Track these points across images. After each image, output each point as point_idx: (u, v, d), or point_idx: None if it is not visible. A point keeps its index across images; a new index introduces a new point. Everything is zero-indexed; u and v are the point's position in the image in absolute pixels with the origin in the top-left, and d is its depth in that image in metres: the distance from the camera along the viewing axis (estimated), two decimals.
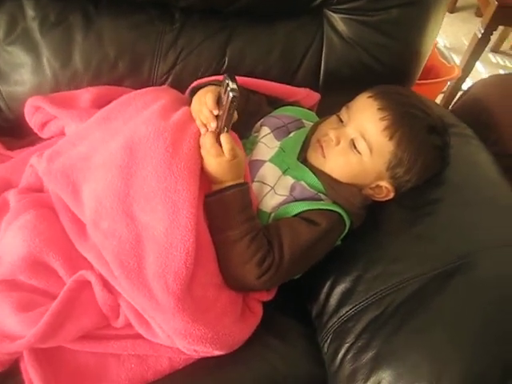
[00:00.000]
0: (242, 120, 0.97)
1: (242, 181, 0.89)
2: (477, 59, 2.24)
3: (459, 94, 2.27)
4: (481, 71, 2.73)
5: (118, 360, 0.87)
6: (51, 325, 0.80)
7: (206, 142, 0.87)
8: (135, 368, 0.87)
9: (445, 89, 2.26)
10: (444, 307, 0.82)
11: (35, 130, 1.07)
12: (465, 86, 2.32)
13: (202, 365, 0.89)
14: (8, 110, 1.15)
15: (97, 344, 0.86)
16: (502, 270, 0.86)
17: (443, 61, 2.00)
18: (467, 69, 2.25)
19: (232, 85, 0.80)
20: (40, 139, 1.09)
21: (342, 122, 0.97)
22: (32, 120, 1.06)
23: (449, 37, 2.90)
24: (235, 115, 0.86)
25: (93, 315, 0.85)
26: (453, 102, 2.24)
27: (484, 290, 0.83)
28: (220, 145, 0.87)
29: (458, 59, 2.43)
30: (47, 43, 1.09)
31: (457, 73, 1.95)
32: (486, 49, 2.31)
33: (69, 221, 0.90)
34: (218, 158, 0.86)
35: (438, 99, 2.30)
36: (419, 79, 1.33)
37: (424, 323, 0.82)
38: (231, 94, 0.80)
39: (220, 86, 0.87)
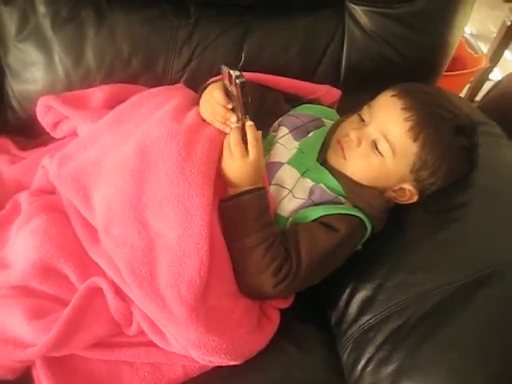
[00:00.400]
0: (259, 119, 0.93)
1: (259, 185, 0.86)
2: (505, 48, 2.16)
3: (486, 84, 2.20)
4: (510, 60, 2.63)
5: (131, 368, 0.85)
6: (63, 333, 0.79)
7: (231, 140, 0.83)
8: (148, 376, 0.85)
9: (471, 79, 2.18)
10: (470, 322, 0.78)
11: (47, 130, 1.05)
12: (492, 76, 2.24)
13: (217, 373, 0.87)
14: (21, 109, 1.13)
15: (109, 352, 0.85)
16: None
17: (470, 51, 1.92)
18: (495, 58, 2.16)
19: (234, 72, 0.77)
20: (53, 139, 1.07)
21: (363, 121, 0.93)
22: (44, 120, 1.04)
23: (475, 24, 2.80)
24: (250, 103, 0.82)
25: (105, 323, 0.83)
26: (480, 94, 2.18)
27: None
28: (245, 143, 0.83)
29: (485, 47, 2.34)
30: (59, 40, 1.07)
31: (484, 63, 1.87)
32: None
33: (80, 226, 0.88)
34: (241, 160, 0.82)
35: (464, 90, 2.22)
36: (445, 70, 1.28)
37: (448, 339, 0.77)
38: (238, 81, 0.77)
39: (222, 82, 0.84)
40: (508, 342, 0.75)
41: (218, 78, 1.00)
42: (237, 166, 0.83)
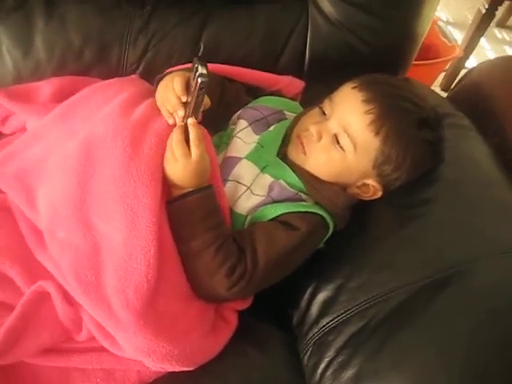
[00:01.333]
0: (219, 111, 0.90)
1: (205, 184, 0.81)
2: (481, 35, 2.15)
3: (461, 72, 2.18)
4: (486, 47, 2.61)
5: (82, 374, 0.82)
6: (7, 342, 0.76)
7: (173, 139, 0.78)
8: (101, 383, 0.82)
9: (447, 67, 2.16)
10: (432, 322, 0.75)
11: None
12: (468, 64, 2.22)
13: (174, 378, 0.83)
14: None
15: (59, 358, 0.81)
16: (500, 281, 0.78)
17: (444, 39, 1.90)
18: (471, 45, 2.16)
19: (201, 69, 0.73)
20: (2, 134, 1.02)
21: (324, 114, 0.89)
22: None
23: (452, 11, 2.77)
24: (205, 103, 0.78)
25: (53, 329, 0.80)
26: (455, 83, 2.16)
27: (478, 303, 0.75)
28: (187, 142, 0.79)
29: (461, 35, 2.32)
30: (6, 30, 1.02)
31: (458, 52, 1.85)
32: (492, 24, 2.20)
33: (26, 227, 0.84)
34: (183, 161, 0.77)
35: (439, 78, 2.20)
36: (417, 60, 1.24)
37: (409, 341, 0.74)
38: (199, 80, 0.72)
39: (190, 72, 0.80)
40: (470, 343, 0.73)
41: (175, 68, 0.96)
42: (179, 167, 0.78)
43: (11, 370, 0.80)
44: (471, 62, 2.21)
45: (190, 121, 0.77)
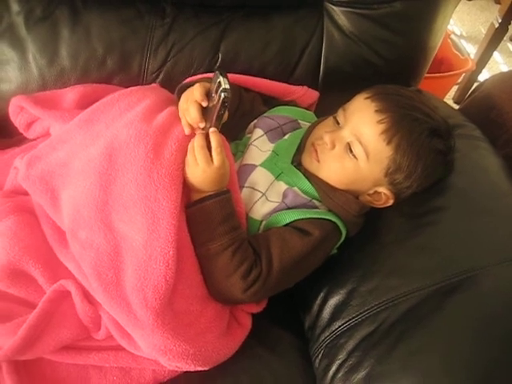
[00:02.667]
0: (235, 120, 0.92)
1: (223, 189, 0.84)
2: (494, 49, 2.16)
3: (474, 85, 2.19)
4: (499, 61, 2.63)
5: (99, 372, 0.84)
6: (28, 338, 0.78)
7: (195, 145, 0.81)
8: (118, 381, 0.84)
9: (460, 80, 2.18)
10: (440, 328, 0.77)
11: (21, 130, 1.03)
12: (481, 78, 2.24)
13: (188, 378, 0.85)
14: None
15: (77, 356, 0.83)
16: (509, 288, 0.80)
17: (456, 52, 1.91)
18: (484, 59, 2.17)
19: (224, 84, 0.75)
20: (27, 139, 1.05)
21: (338, 124, 0.91)
22: (17, 120, 1.02)
23: (465, 25, 2.79)
24: (225, 117, 0.81)
25: (73, 327, 0.82)
26: (467, 96, 2.17)
27: (486, 309, 0.77)
28: (209, 149, 0.82)
29: (474, 49, 2.34)
30: (33, 39, 1.05)
31: (470, 65, 1.86)
32: (505, 38, 2.22)
33: (49, 228, 0.87)
34: (204, 165, 0.80)
35: (452, 91, 2.22)
36: (429, 72, 1.27)
37: (418, 344, 0.76)
38: (223, 95, 0.75)
39: (210, 82, 0.83)
40: (479, 348, 0.74)
41: (195, 78, 0.99)
42: (200, 172, 0.81)
43: (32, 366, 0.82)
44: (484, 76, 2.23)
45: (212, 129, 0.80)
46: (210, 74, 0.96)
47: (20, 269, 0.82)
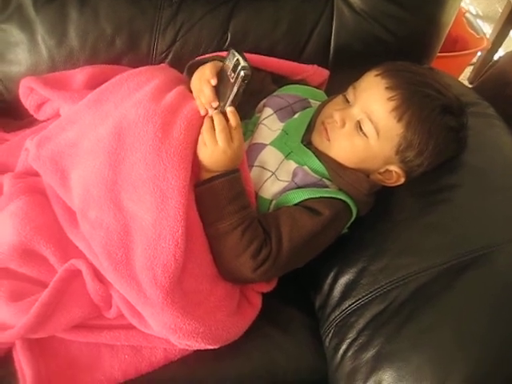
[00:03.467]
0: (244, 99, 0.91)
1: (233, 167, 0.84)
2: (510, 28, 2.11)
3: None
4: None
5: (111, 350, 0.85)
6: (40, 316, 0.78)
7: (217, 126, 0.81)
8: (129, 359, 0.84)
9: (475, 60, 2.14)
10: (451, 305, 0.76)
11: (31, 112, 1.04)
12: (497, 57, 2.19)
13: (199, 356, 0.86)
14: (5, 91, 1.12)
15: (89, 334, 0.84)
16: None
17: (471, 31, 1.88)
18: (500, 38, 2.13)
19: (243, 62, 0.75)
20: (37, 120, 1.05)
21: (348, 102, 0.91)
22: (27, 101, 1.02)
23: (481, 4, 2.73)
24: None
25: (84, 306, 0.83)
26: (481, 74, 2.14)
27: (496, 287, 0.77)
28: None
29: (490, 28, 2.29)
30: (42, 20, 1.05)
31: (485, 44, 1.83)
32: None
33: (60, 208, 0.87)
34: (225, 145, 0.80)
35: (467, 72, 2.18)
36: (443, 51, 1.25)
37: (429, 322, 0.76)
38: (243, 73, 0.75)
39: (223, 61, 0.82)
40: (492, 324, 0.74)
41: (204, 57, 0.98)
42: (220, 152, 0.81)
43: (45, 344, 0.83)
44: (500, 55, 2.19)
45: (230, 109, 0.80)
46: (221, 53, 0.96)
47: (31, 248, 0.83)
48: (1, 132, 1.05)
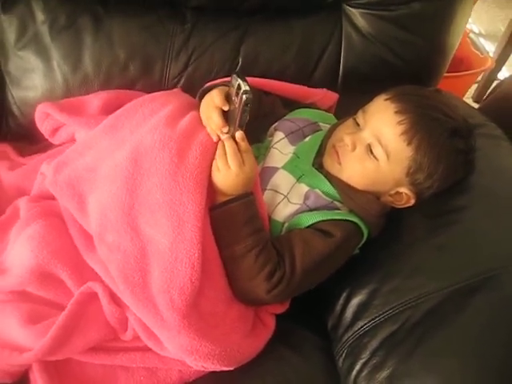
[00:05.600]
0: (255, 124, 0.93)
1: (247, 191, 0.85)
2: None
3: (494, 83, 2.18)
4: None
5: (127, 372, 0.85)
6: (58, 339, 0.79)
7: (229, 150, 0.83)
8: (144, 381, 0.85)
9: (479, 78, 2.16)
10: (464, 328, 0.77)
11: (46, 136, 1.06)
12: (500, 76, 2.22)
13: (213, 378, 0.86)
14: (21, 115, 1.14)
15: (105, 356, 0.85)
16: None
17: (475, 51, 1.90)
18: (503, 57, 2.15)
19: (244, 86, 0.77)
20: (53, 145, 1.07)
21: (358, 125, 0.92)
22: (43, 126, 1.04)
23: (484, 23, 2.76)
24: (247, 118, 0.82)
25: (100, 328, 0.84)
26: (486, 94, 2.16)
27: (508, 310, 0.77)
28: None
29: (493, 47, 2.32)
30: (57, 47, 1.08)
31: (490, 64, 1.85)
32: None
33: (77, 231, 0.89)
34: (237, 169, 0.82)
35: (472, 90, 2.20)
36: (449, 71, 1.26)
37: (442, 345, 0.77)
38: (244, 97, 0.76)
39: (228, 86, 0.84)
40: (503, 348, 0.74)
41: (215, 82, 1.00)
42: (233, 176, 0.82)
43: (61, 366, 0.83)
44: (503, 74, 2.21)
45: (238, 134, 0.82)
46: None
47: (48, 272, 0.84)
48: (17, 156, 1.07)
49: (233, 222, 0.83)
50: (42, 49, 1.08)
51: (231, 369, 0.84)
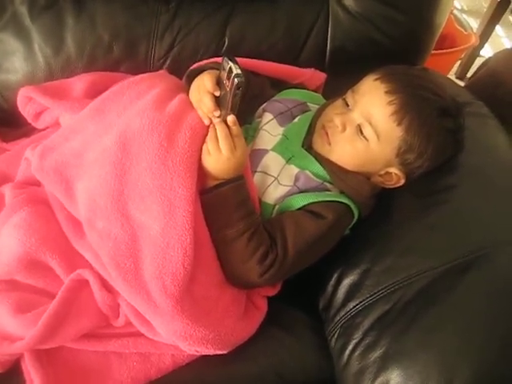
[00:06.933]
0: (244, 105, 0.91)
1: (238, 174, 0.85)
2: (496, 23, 2.14)
3: (476, 60, 2.18)
4: (500, 35, 2.60)
5: (119, 358, 0.85)
6: (49, 327, 0.79)
7: (220, 134, 0.81)
8: (138, 366, 0.85)
9: (462, 55, 2.16)
10: (455, 305, 0.78)
11: (29, 121, 1.03)
12: (483, 52, 2.22)
13: (207, 361, 0.86)
14: (2, 100, 1.12)
15: (98, 343, 0.85)
16: None
17: (460, 28, 1.90)
18: (486, 33, 2.15)
19: (236, 70, 0.75)
20: (36, 129, 1.05)
21: (347, 106, 0.91)
22: (25, 110, 1.02)
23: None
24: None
25: (92, 315, 0.83)
26: (470, 71, 2.17)
27: (499, 287, 0.78)
28: None
29: (476, 23, 2.32)
30: (38, 28, 1.05)
31: (474, 41, 1.85)
32: (508, 11, 2.20)
33: (65, 218, 0.87)
34: (229, 153, 0.81)
35: (455, 66, 2.20)
36: (433, 49, 1.26)
37: (434, 322, 0.78)
38: (236, 80, 0.75)
39: (219, 69, 0.82)
40: (491, 324, 0.76)
41: (202, 62, 0.99)
42: (224, 160, 0.81)
43: (53, 354, 0.83)
44: (486, 50, 2.22)
45: (230, 118, 0.81)
46: (218, 59, 0.96)
47: (37, 259, 0.83)
48: (0, 142, 1.05)
49: (224, 206, 0.82)
50: (21, 30, 1.05)
51: (225, 352, 0.84)
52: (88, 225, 0.82)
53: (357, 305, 0.88)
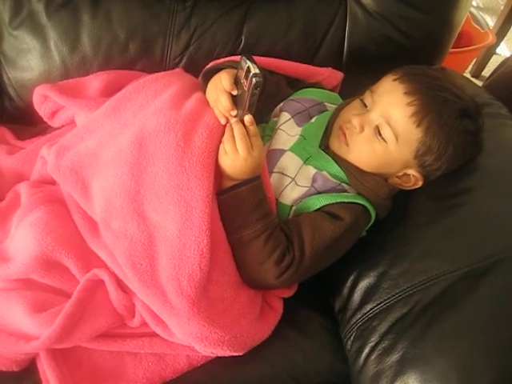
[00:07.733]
0: (260, 103, 0.91)
1: (255, 175, 0.84)
2: None
3: (492, 58, 2.16)
4: None
5: (134, 358, 0.85)
6: (65, 327, 0.79)
7: (237, 134, 0.81)
8: (153, 366, 0.85)
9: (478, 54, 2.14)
10: (474, 310, 0.77)
11: (45, 119, 1.03)
12: (499, 50, 2.20)
13: (221, 362, 0.86)
14: (18, 98, 1.12)
15: (113, 343, 0.85)
16: None
17: (476, 26, 1.87)
18: (502, 31, 2.12)
19: (254, 69, 0.75)
20: (51, 127, 1.05)
21: (365, 106, 0.90)
22: (41, 109, 1.02)
23: None
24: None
25: (108, 315, 0.83)
26: (486, 69, 2.14)
27: None
28: None
29: (492, 21, 2.29)
30: (54, 26, 1.04)
31: (491, 39, 1.83)
32: None
33: (80, 217, 0.87)
34: (246, 154, 0.80)
35: (470, 65, 2.18)
36: None
37: (453, 327, 0.77)
38: (254, 80, 0.74)
39: (236, 68, 0.82)
40: (510, 329, 0.75)
41: (219, 61, 0.98)
42: (241, 161, 0.81)
43: (69, 354, 0.83)
44: (502, 48, 2.19)
45: (248, 118, 0.80)
46: (234, 57, 0.95)
47: (53, 259, 0.83)
48: (15, 140, 1.05)
49: (241, 206, 0.82)
50: (37, 28, 1.05)
51: (240, 354, 0.83)
52: (104, 224, 0.82)
53: (374, 307, 0.87)
